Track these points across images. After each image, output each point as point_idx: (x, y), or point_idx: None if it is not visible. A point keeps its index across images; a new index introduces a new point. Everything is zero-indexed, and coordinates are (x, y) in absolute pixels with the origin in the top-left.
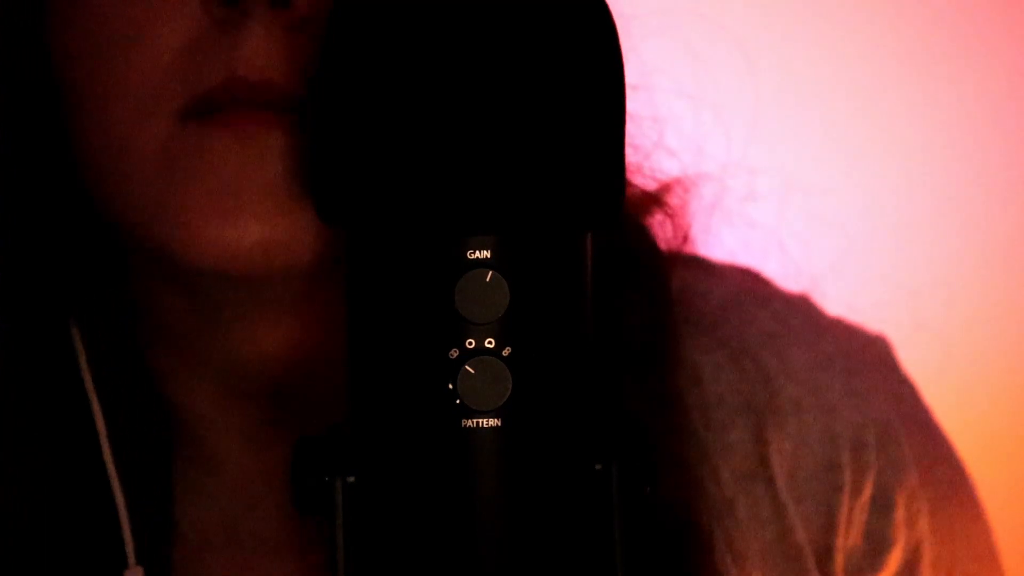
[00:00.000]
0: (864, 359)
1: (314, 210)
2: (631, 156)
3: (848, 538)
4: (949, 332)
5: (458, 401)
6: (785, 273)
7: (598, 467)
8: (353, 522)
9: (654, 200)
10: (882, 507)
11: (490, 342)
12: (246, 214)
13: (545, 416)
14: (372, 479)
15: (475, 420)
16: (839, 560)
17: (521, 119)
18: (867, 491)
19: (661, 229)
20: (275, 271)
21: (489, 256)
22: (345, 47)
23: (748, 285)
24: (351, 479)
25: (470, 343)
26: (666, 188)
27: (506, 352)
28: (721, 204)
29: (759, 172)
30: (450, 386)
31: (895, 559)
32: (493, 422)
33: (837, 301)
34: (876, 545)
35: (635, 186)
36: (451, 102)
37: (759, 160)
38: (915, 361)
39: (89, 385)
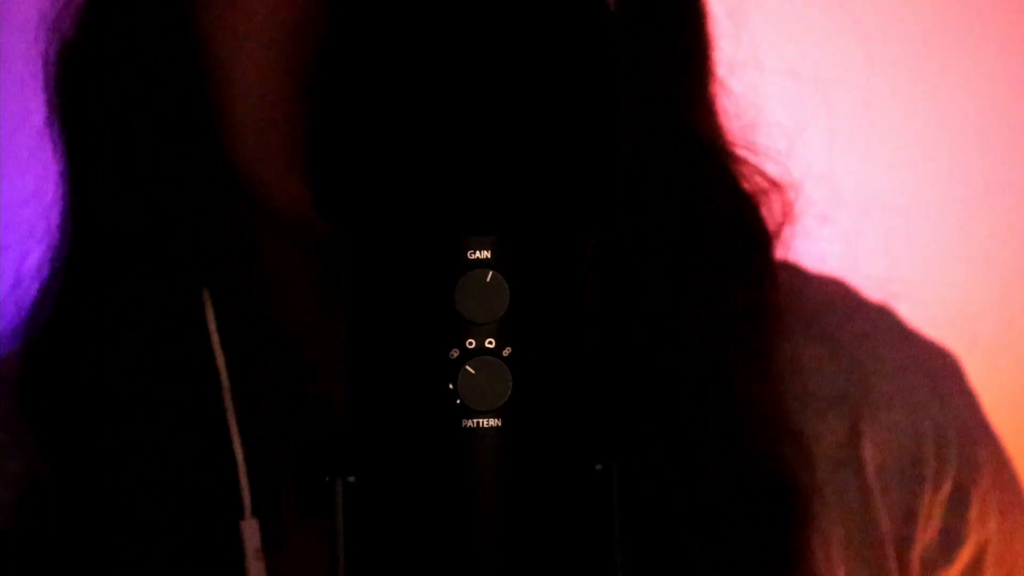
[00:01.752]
0: (942, 367)
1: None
2: (741, 132)
3: (926, 531)
4: (1006, 350)
5: (458, 401)
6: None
7: (598, 467)
8: (353, 522)
9: (763, 176)
10: (958, 503)
11: (490, 342)
12: None
13: (545, 416)
14: (372, 479)
15: (475, 420)
16: (917, 551)
17: (521, 119)
18: (946, 487)
19: (767, 207)
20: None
21: (489, 256)
22: (345, 46)
23: (839, 290)
24: (351, 479)
25: (470, 343)
26: (769, 165)
27: (506, 352)
28: (801, 213)
29: (837, 182)
30: (450, 386)
31: (966, 555)
32: (493, 422)
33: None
34: (950, 540)
35: (745, 161)
36: (451, 102)
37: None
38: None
39: (216, 347)
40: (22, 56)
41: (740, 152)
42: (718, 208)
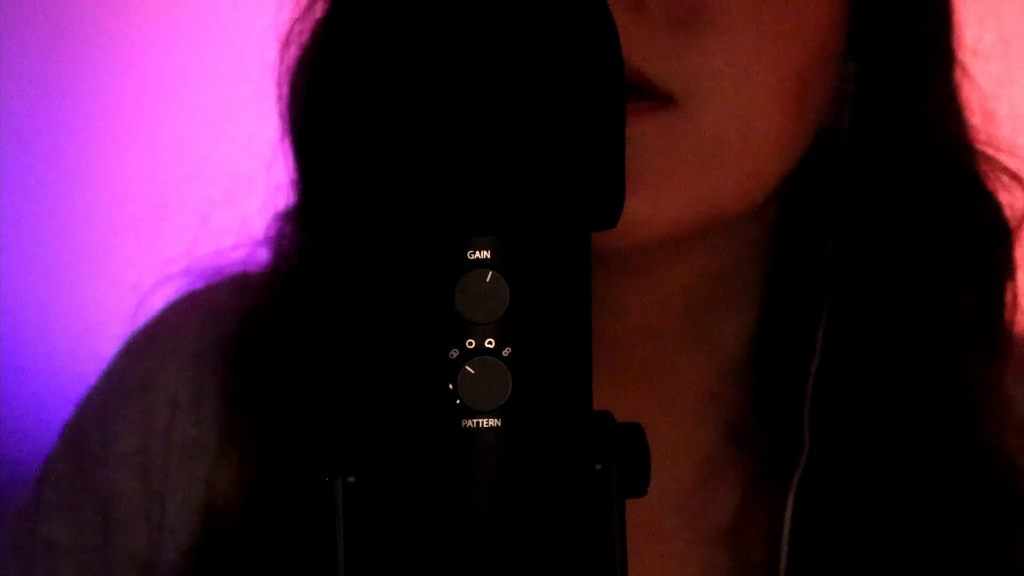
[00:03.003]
0: None
1: (664, 191)
2: (982, 125)
3: None
4: None
5: (458, 401)
6: None
7: (598, 467)
8: (353, 522)
9: (1002, 172)
10: None
11: (490, 342)
12: None
13: (545, 416)
14: (372, 479)
15: (475, 420)
16: None
17: (521, 119)
18: None
19: (1009, 203)
20: (630, 247)
21: (489, 256)
22: (345, 47)
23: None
24: (351, 479)
25: (470, 343)
26: (1012, 160)
27: (506, 352)
28: None
29: None
30: (450, 386)
31: None
32: (493, 422)
33: None
34: None
35: (987, 157)
36: (451, 103)
37: None
38: None
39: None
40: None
41: (982, 147)
42: (959, 205)
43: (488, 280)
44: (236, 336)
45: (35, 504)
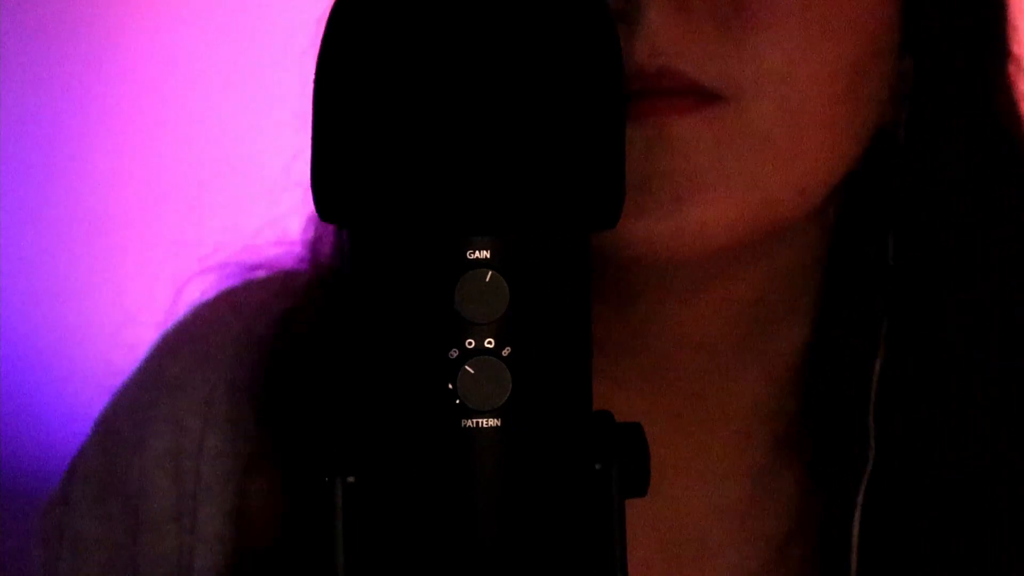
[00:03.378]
0: None
1: (721, 194)
2: None
3: None
4: None
5: (458, 401)
6: None
7: (598, 467)
8: (353, 522)
9: None
10: None
11: (490, 342)
12: (654, 206)
13: (545, 416)
14: (372, 479)
15: (475, 420)
16: None
17: (520, 119)
18: None
19: None
20: (689, 255)
21: (489, 256)
22: (345, 46)
23: None
24: (351, 479)
25: (470, 343)
26: None
27: (506, 352)
28: None
29: None
30: (450, 386)
31: None
32: (493, 422)
33: None
34: None
35: None
36: (451, 102)
37: None
38: None
39: None
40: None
41: None
42: (1020, 202)
43: (488, 280)
44: (274, 341)
45: (64, 495)
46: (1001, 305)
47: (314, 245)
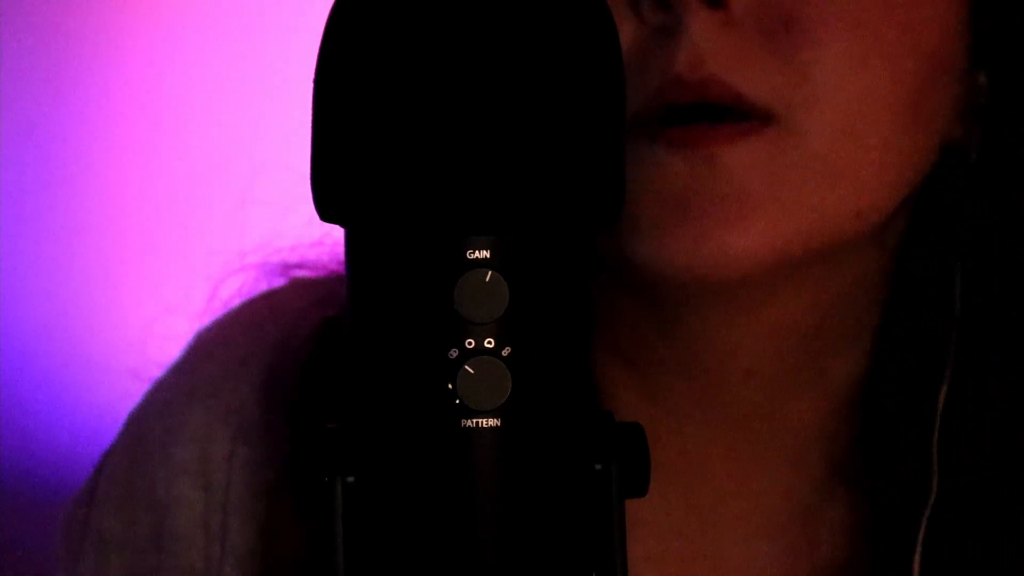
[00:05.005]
0: None
1: (770, 216)
2: None
3: None
4: None
5: (458, 401)
6: None
7: (598, 467)
8: (353, 522)
9: None
10: None
11: (490, 342)
12: (699, 225)
13: (545, 416)
14: (372, 479)
15: (475, 420)
16: None
17: (520, 119)
18: None
19: None
20: (733, 278)
21: (489, 256)
22: (345, 46)
23: None
24: (351, 479)
25: (470, 343)
26: None
27: (506, 352)
28: None
29: None
30: (450, 386)
31: None
32: (493, 422)
33: None
34: None
35: None
36: (451, 102)
37: None
38: None
39: None
40: None
41: None
42: None
43: (488, 280)
44: (312, 350)
45: (90, 493)
46: None
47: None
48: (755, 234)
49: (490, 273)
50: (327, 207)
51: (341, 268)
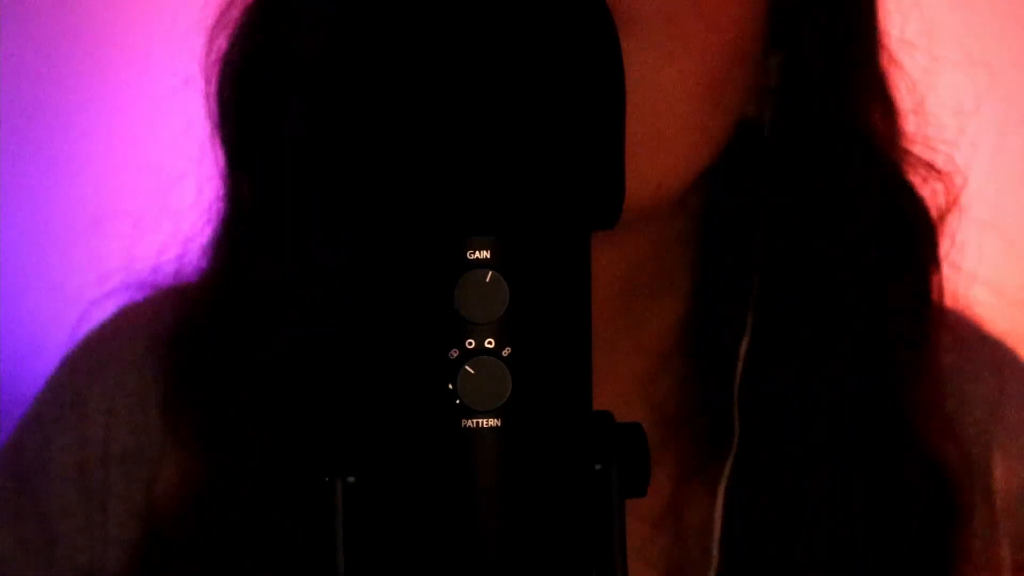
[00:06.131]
0: None
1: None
2: (907, 118)
3: None
4: None
5: (458, 401)
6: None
7: (598, 467)
8: (353, 522)
9: (925, 164)
10: None
11: (490, 342)
12: None
13: (545, 416)
14: (372, 479)
15: (475, 420)
16: None
17: (521, 119)
18: None
19: (932, 196)
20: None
21: (489, 256)
22: (346, 47)
23: (961, 322)
24: (351, 479)
25: (470, 343)
26: (935, 152)
27: (506, 352)
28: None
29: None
30: (450, 386)
31: None
32: (493, 422)
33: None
34: None
35: (907, 151)
36: (451, 102)
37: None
38: None
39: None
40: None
41: (905, 140)
42: (880, 198)
43: (488, 280)
44: (172, 343)
45: None
46: (860, 298)
47: (213, 250)
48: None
49: (490, 273)
50: (330, 207)
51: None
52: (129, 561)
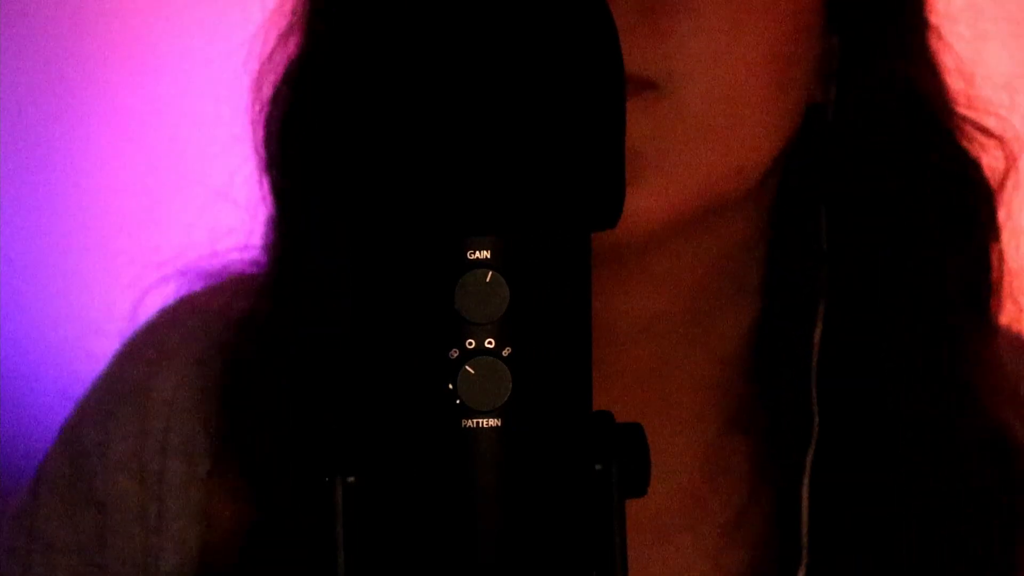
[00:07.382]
0: None
1: (661, 175)
2: (959, 86)
3: None
4: None
5: (458, 401)
6: None
7: (598, 467)
8: (353, 522)
9: (984, 131)
10: None
11: (490, 342)
12: None
13: (545, 416)
14: (372, 479)
15: (475, 420)
16: None
17: (521, 119)
18: None
19: (989, 163)
20: (631, 238)
21: (489, 256)
22: (345, 48)
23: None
24: (351, 479)
25: (470, 343)
26: (991, 118)
27: (506, 352)
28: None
29: None
30: (450, 386)
31: None
32: (493, 422)
33: None
34: None
35: (965, 117)
36: (451, 102)
37: None
38: None
39: None
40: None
41: (959, 108)
42: (939, 168)
43: (488, 280)
44: (233, 341)
45: (33, 504)
46: (923, 273)
47: (271, 248)
48: (649, 194)
49: (490, 273)
50: (329, 207)
51: (255, 270)
52: (182, 562)
